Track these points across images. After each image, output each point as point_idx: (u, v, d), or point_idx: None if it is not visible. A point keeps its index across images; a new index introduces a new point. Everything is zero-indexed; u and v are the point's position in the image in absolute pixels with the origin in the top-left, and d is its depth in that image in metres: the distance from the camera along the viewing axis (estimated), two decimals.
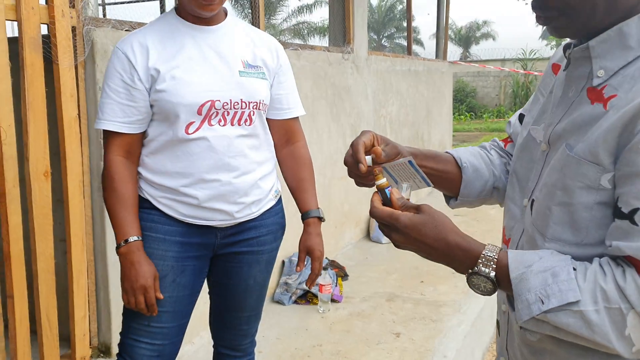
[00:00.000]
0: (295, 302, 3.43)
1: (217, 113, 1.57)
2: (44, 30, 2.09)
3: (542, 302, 0.78)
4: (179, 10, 1.62)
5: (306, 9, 27.65)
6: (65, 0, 2.15)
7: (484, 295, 0.85)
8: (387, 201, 0.90)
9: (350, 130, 4.60)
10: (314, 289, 3.36)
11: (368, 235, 4.92)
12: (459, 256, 0.85)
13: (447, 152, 1.12)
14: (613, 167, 0.79)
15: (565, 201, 0.85)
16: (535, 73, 17.36)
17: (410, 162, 0.97)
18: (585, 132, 0.82)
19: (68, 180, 2.21)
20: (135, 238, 1.56)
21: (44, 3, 2.11)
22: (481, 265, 0.83)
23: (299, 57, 3.81)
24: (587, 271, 0.78)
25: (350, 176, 1.02)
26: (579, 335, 0.77)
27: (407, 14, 6.66)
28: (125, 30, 2.47)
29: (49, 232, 2.14)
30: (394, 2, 34.66)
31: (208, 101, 1.55)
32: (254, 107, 1.63)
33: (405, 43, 6.81)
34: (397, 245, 0.89)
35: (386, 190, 0.90)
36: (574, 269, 0.79)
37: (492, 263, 0.83)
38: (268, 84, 1.69)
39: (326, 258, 3.88)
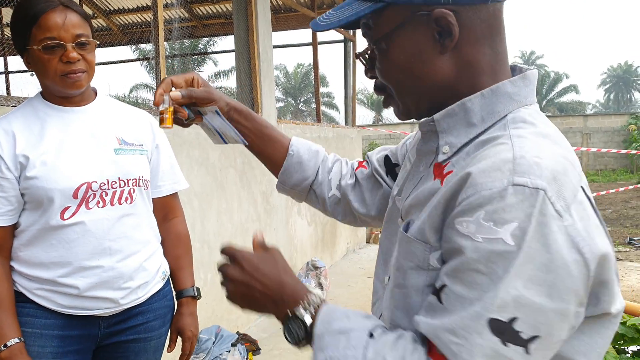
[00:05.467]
0: None
1: (95, 195, 1.50)
2: None
3: None
4: (45, 94, 1.56)
5: (223, 75, 28.03)
6: None
7: (296, 346, 0.81)
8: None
9: (261, 198, 4.58)
10: None
11: None
12: (286, 295, 0.82)
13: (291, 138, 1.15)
14: (439, 244, 0.75)
15: (400, 282, 0.81)
16: None
17: (216, 111, 1.01)
18: (423, 209, 0.79)
19: None
20: (17, 340, 1.44)
21: None
22: (301, 307, 0.80)
23: None
24: (380, 340, 0.74)
25: None
26: None
27: (315, 83, 6.88)
28: (12, 106, 2.37)
29: None
30: (309, 69, 35.88)
31: (84, 183, 1.48)
32: (134, 184, 1.57)
33: (322, 108, 6.99)
34: (228, 294, 0.86)
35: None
36: (372, 336, 0.75)
37: (311, 307, 0.80)
38: (147, 159, 1.64)
39: (237, 332, 3.75)
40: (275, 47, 5.32)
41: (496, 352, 0.67)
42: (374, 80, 0.90)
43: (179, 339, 1.74)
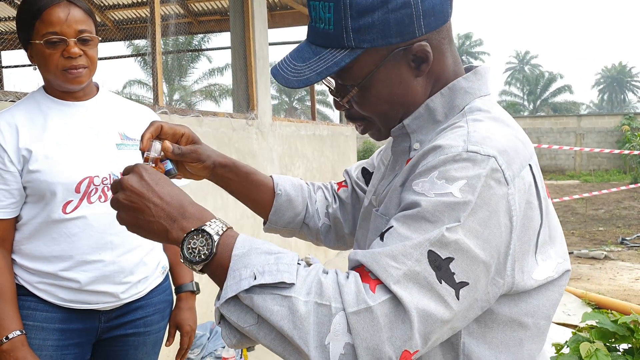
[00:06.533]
0: None
1: (97, 189, 1.51)
2: None
3: (255, 278, 0.71)
4: (47, 88, 1.57)
5: (217, 72, 27.97)
6: None
7: (191, 265, 0.75)
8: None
9: None
10: None
11: None
12: (189, 213, 0.78)
13: (270, 176, 1.16)
14: None
15: None
16: None
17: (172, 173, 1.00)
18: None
19: None
20: (18, 333, 1.45)
21: None
22: (209, 226, 0.76)
23: (200, 124, 3.80)
24: (308, 268, 0.75)
25: None
26: (279, 329, 0.70)
27: None
28: (10, 101, 2.37)
29: None
30: None
31: (86, 178, 1.49)
32: None
33: (317, 106, 7.01)
34: (118, 207, 0.80)
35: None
36: (299, 263, 0.75)
37: (220, 229, 0.76)
38: None
39: None
40: (271, 44, 5.33)
41: (430, 285, 0.71)
42: (344, 110, 0.94)
43: (178, 333, 1.76)
